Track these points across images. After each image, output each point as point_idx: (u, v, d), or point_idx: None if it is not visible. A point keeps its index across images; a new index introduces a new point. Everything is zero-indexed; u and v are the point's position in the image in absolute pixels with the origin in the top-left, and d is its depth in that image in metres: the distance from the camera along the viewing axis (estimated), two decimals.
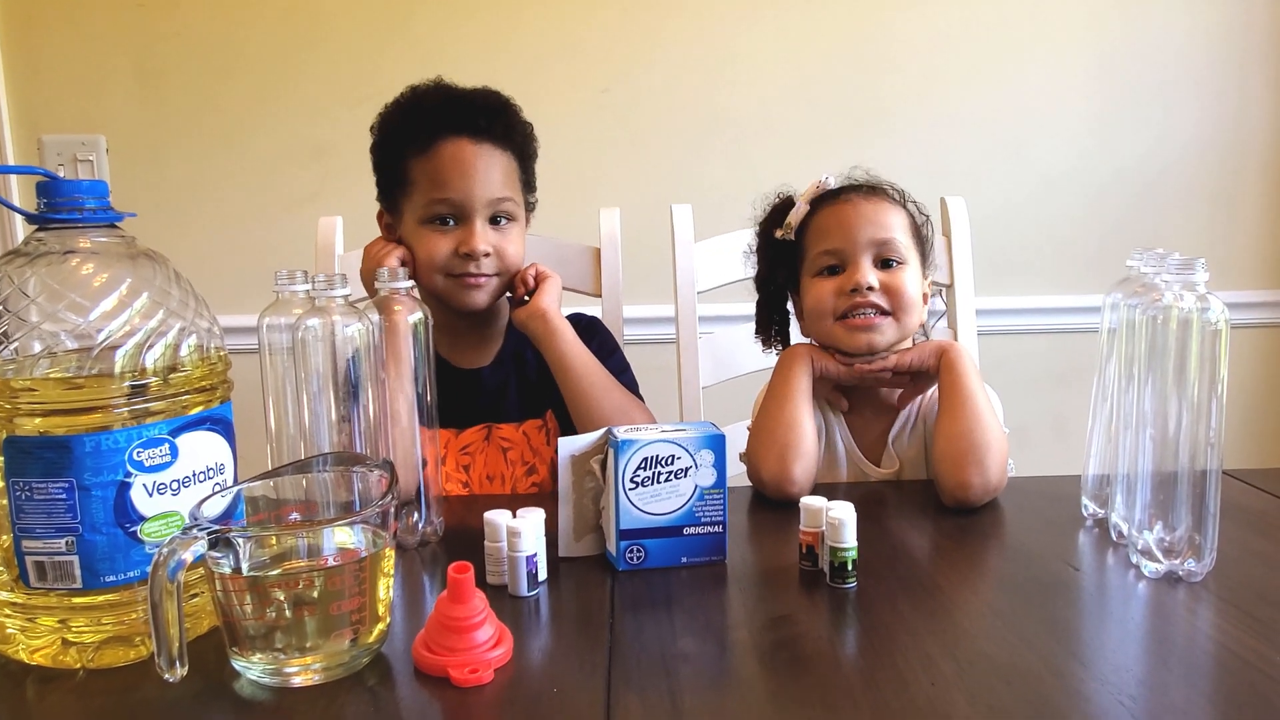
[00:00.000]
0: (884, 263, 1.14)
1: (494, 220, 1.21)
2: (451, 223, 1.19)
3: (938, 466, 1.06)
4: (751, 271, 1.29)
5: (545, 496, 1.09)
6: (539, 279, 1.24)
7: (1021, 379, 2.01)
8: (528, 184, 1.27)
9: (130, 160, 1.95)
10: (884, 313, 1.13)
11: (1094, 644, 0.74)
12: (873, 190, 1.18)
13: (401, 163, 1.21)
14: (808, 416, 1.11)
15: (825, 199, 1.19)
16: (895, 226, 1.15)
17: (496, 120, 1.21)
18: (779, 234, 1.20)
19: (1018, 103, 2.03)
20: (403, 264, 1.17)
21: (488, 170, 1.19)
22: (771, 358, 1.25)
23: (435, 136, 1.19)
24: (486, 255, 1.19)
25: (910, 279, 1.14)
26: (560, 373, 1.19)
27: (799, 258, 1.20)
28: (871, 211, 1.15)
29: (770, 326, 1.27)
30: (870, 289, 1.11)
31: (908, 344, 1.17)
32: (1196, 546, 0.82)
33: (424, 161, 1.19)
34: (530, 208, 1.30)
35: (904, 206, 1.19)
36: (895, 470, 1.18)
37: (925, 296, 1.19)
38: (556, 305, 1.22)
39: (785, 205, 1.22)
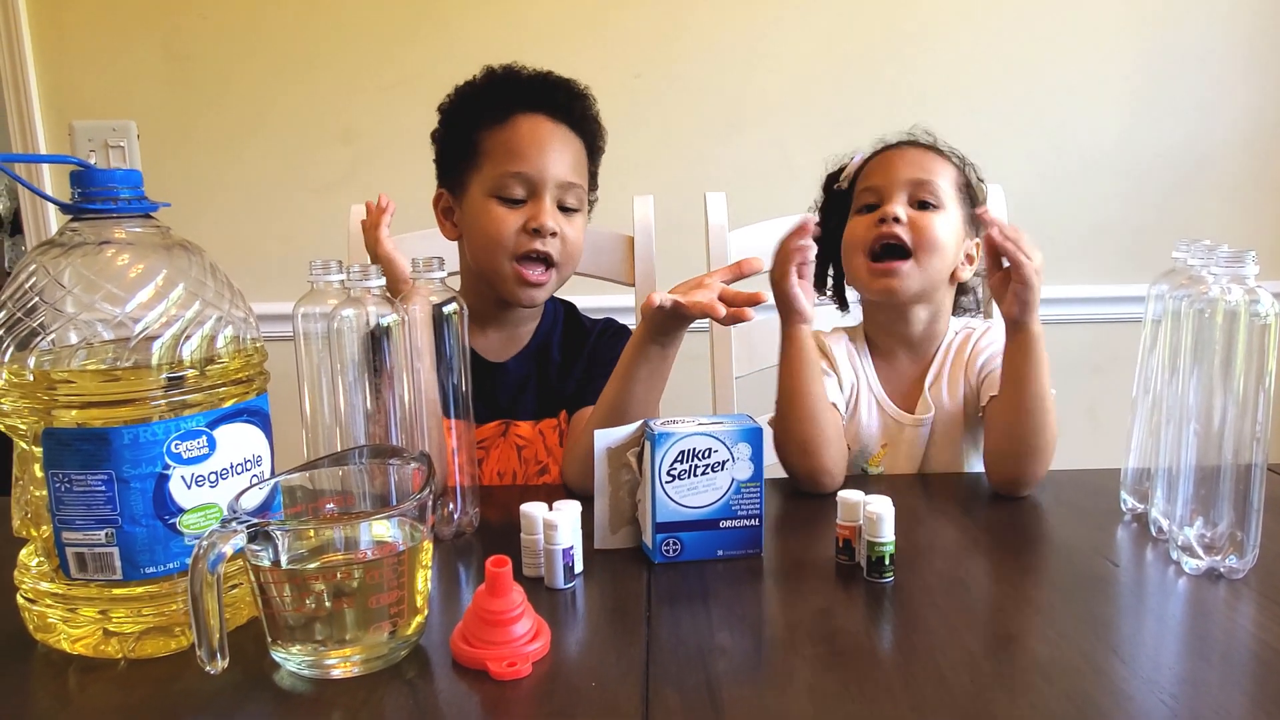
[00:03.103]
0: (920, 204, 1.16)
1: (561, 208, 1.18)
2: (519, 203, 1.17)
3: (992, 458, 1.06)
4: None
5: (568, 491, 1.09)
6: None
7: (1058, 368, 1.96)
8: (593, 177, 1.25)
9: (160, 144, 1.96)
10: (906, 254, 1.14)
11: (1134, 641, 0.73)
12: (926, 145, 1.23)
13: (473, 134, 1.19)
14: (822, 402, 1.08)
15: (880, 149, 1.24)
16: (936, 172, 1.18)
17: (575, 103, 1.20)
18: (836, 185, 1.27)
19: (1055, 86, 1.99)
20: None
21: (562, 151, 1.18)
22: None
23: (513, 109, 1.17)
24: (553, 234, 1.16)
25: (941, 223, 1.15)
26: (620, 370, 1.05)
27: (849, 202, 1.24)
28: (917, 156, 1.19)
29: (826, 276, 1.31)
30: (897, 220, 1.14)
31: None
32: (1238, 543, 0.81)
33: (499, 133, 1.17)
34: (590, 205, 1.28)
35: (958, 166, 1.22)
36: (929, 415, 1.19)
37: (971, 258, 1.21)
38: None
39: (849, 163, 1.28)
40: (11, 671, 0.71)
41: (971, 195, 1.22)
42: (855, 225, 1.20)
